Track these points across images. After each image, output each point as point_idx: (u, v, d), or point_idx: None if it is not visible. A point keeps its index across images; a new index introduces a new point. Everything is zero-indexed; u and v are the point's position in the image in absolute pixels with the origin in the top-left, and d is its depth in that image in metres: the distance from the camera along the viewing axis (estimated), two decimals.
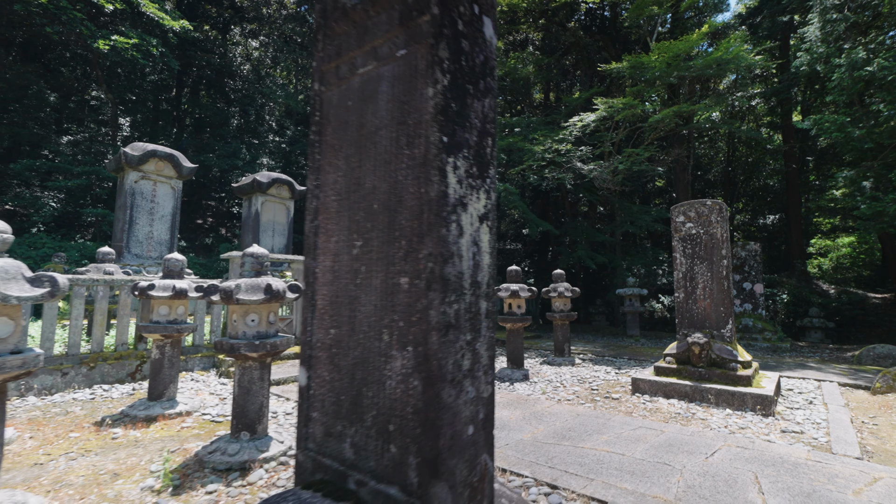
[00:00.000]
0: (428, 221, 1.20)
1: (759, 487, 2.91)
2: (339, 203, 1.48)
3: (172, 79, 14.91)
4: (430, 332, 1.16)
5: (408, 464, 1.19)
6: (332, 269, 1.47)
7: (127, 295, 6.00)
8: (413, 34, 1.32)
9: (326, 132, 1.57)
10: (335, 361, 1.43)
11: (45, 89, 13.97)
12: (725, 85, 18.14)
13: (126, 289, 5.97)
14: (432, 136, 1.22)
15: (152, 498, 2.80)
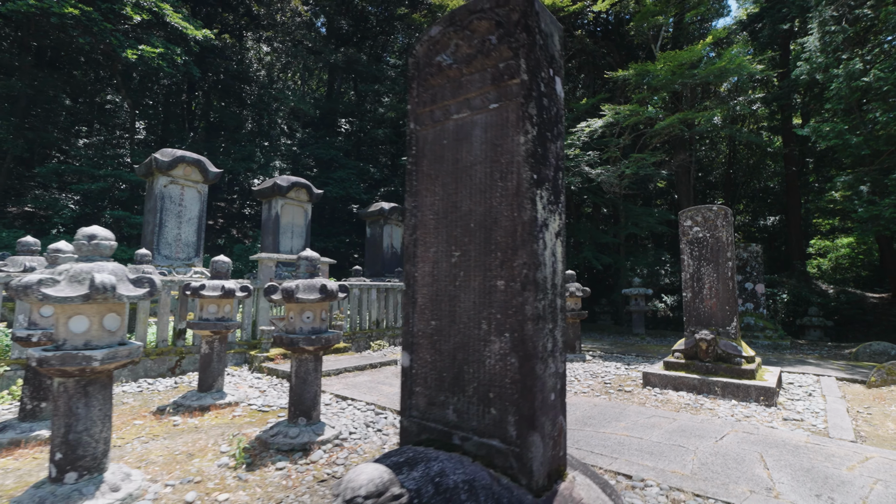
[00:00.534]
0: (522, 238, 1.58)
1: (765, 464, 3.29)
2: (437, 221, 1.86)
3: (186, 83, 15.27)
4: (526, 321, 1.54)
5: (507, 421, 1.57)
6: (432, 274, 1.85)
7: (167, 294, 6.37)
8: (504, 93, 1.70)
9: (422, 164, 1.94)
10: (437, 346, 1.80)
11: (60, 93, 14.31)
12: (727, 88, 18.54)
13: (167, 288, 6.34)
14: (524, 173, 1.60)
15: (231, 472, 3.18)
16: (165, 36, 10.80)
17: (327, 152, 15.92)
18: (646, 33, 11.51)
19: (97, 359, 2.58)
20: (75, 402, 2.63)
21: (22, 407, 3.82)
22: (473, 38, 1.81)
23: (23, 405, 3.82)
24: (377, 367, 7.11)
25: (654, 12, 11.02)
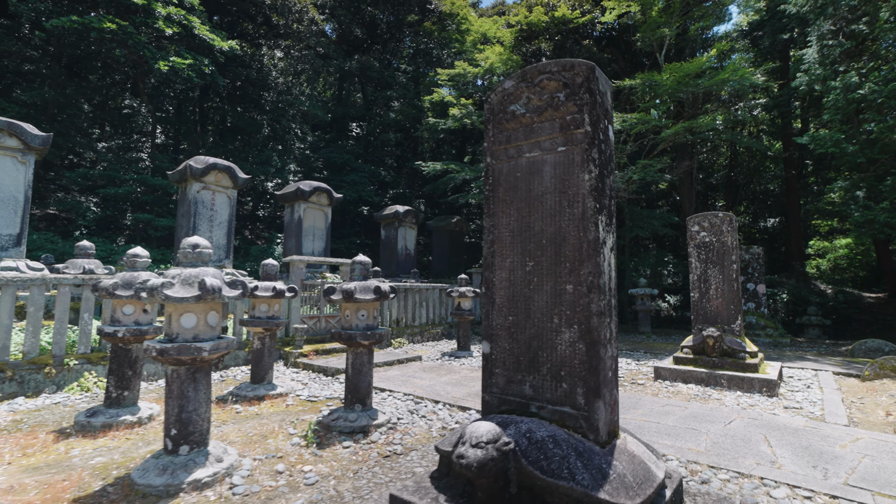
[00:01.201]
0: (587, 253, 2.07)
1: (768, 443, 3.77)
2: (512, 237, 2.34)
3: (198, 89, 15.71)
4: (591, 316, 2.03)
5: (576, 393, 2.05)
6: (509, 279, 2.33)
7: None
8: (571, 139, 2.18)
9: (498, 191, 2.43)
10: (514, 337, 2.29)
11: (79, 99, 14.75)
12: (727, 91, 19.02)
13: None
14: (588, 203, 2.08)
15: (305, 450, 3.65)
16: (194, 47, 11.26)
17: (340, 156, 16.39)
18: (651, 43, 11.99)
19: (206, 350, 3.06)
20: (186, 386, 3.10)
21: (108, 395, 4.29)
22: (543, 94, 2.28)
23: (108, 394, 4.29)
24: (404, 362, 7.58)
25: (660, 23, 11.51)
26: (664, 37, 11.62)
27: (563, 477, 1.76)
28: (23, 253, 7.14)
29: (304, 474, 3.18)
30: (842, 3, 8.85)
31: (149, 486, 2.85)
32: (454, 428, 4.30)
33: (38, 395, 5.20)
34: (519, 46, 14.11)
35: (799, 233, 18.17)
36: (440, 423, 4.39)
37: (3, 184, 6.97)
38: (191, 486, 2.88)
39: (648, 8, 11.56)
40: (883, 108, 8.45)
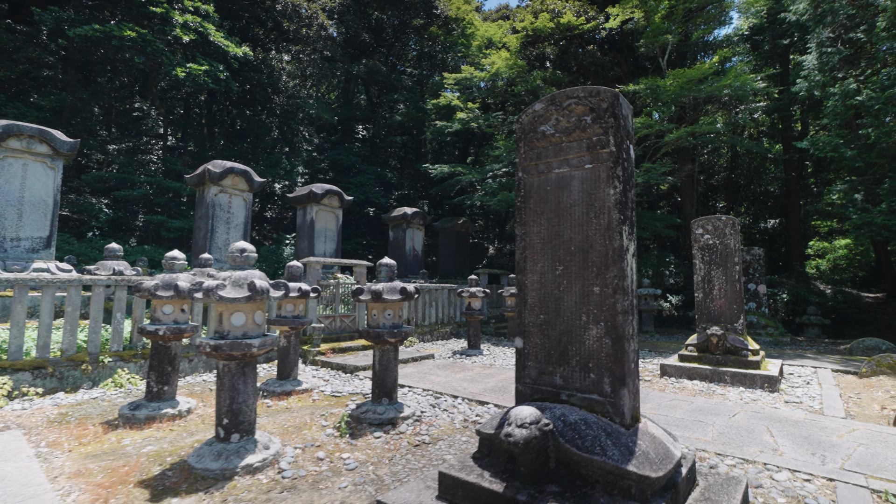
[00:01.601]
0: (612, 259, 2.34)
1: (771, 434, 4.05)
2: (543, 244, 2.61)
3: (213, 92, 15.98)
4: (617, 314, 2.30)
5: (603, 382, 2.33)
6: (540, 282, 2.60)
7: None
8: (597, 158, 2.46)
9: (529, 202, 2.70)
10: (545, 333, 2.56)
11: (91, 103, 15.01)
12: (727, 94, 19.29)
13: None
14: (614, 214, 2.36)
15: (339, 440, 3.93)
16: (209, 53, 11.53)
17: (347, 158, 16.65)
18: (654, 48, 12.26)
19: (255, 346, 3.33)
20: (237, 379, 3.38)
21: (149, 389, 4.57)
22: (571, 117, 2.56)
23: (149, 388, 4.56)
24: (418, 360, 7.85)
25: (663, 30, 11.77)
26: (667, 43, 11.90)
27: (596, 453, 2.03)
28: (52, 255, 7.41)
29: (344, 461, 3.45)
30: (840, 12, 9.13)
31: (206, 470, 3.12)
32: (475, 420, 4.57)
33: (76, 391, 5.47)
34: (524, 51, 14.39)
35: (799, 233, 18.45)
36: (462, 416, 4.66)
37: (34, 188, 7.24)
38: (244, 471, 3.15)
39: (652, 14, 11.83)
40: (880, 113, 8.73)
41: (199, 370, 6.59)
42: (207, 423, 4.39)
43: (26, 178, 7.16)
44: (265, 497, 2.87)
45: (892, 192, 9.16)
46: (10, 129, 6.90)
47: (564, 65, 15.92)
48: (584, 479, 2.06)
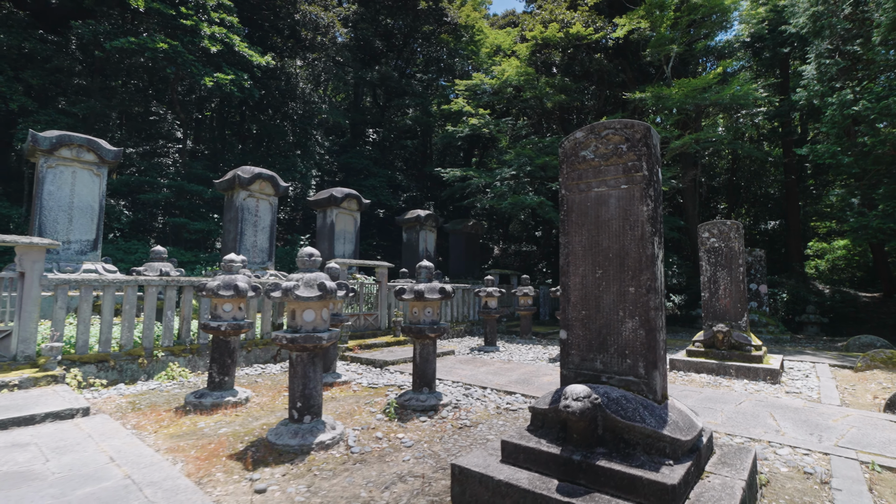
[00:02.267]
0: (645, 264, 2.83)
1: (773, 418, 4.53)
2: (584, 251, 3.10)
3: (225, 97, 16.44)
4: (650, 310, 2.79)
5: (638, 366, 2.81)
6: (581, 283, 3.09)
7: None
8: (631, 180, 2.95)
9: (572, 216, 3.19)
10: (586, 326, 3.05)
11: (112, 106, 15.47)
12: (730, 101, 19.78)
13: None
14: (646, 227, 2.85)
15: (391, 423, 4.41)
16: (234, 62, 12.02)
17: (359, 161, 17.13)
18: (660, 57, 12.74)
19: (324, 338, 3.81)
20: (308, 368, 3.86)
21: (211, 380, 5.04)
22: (609, 144, 3.04)
23: (211, 378, 5.04)
24: (440, 356, 8.33)
25: (668, 40, 12.26)
26: (672, 52, 12.39)
27: (636, 420, 2.52)
28: (98, 257, 7.89)
29: (400, 439, 3.94)
30: (837, 26, 9.61)
31: (286, 446, 3.60)
32: (506, 407, 5.06)
33: (134, 382, 5.95)
34: (532, 57, 14.86)
35: (798, 235, 18.95)
36: (494, 404, 5.15)
37: (82, 194, 7.71)
38: (318, 447, 3.63)
39: (657, 25, 12.31)
40: (875, 122, 9.23)
41: (241, 364, 7.07)
42: (266, 409, 4.87)
43: (75, 185, 7.63)
44: (342, 468, 3.35)
45: (888, 197, 9.65)
46: (63, 139, 7.38)
47: (571, 71, 16.39)
48: (626, 442, 2.54)
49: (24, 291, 5.29)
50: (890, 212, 9.63)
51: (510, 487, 2.52)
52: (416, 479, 3.14)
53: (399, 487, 3.02)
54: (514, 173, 14.64)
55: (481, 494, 2.63)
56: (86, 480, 2.89)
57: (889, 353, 7.20)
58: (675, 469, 2.34)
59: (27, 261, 5.32)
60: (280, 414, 4.69)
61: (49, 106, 12.24)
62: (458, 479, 2.76)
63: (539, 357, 8.55)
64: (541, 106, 16.01)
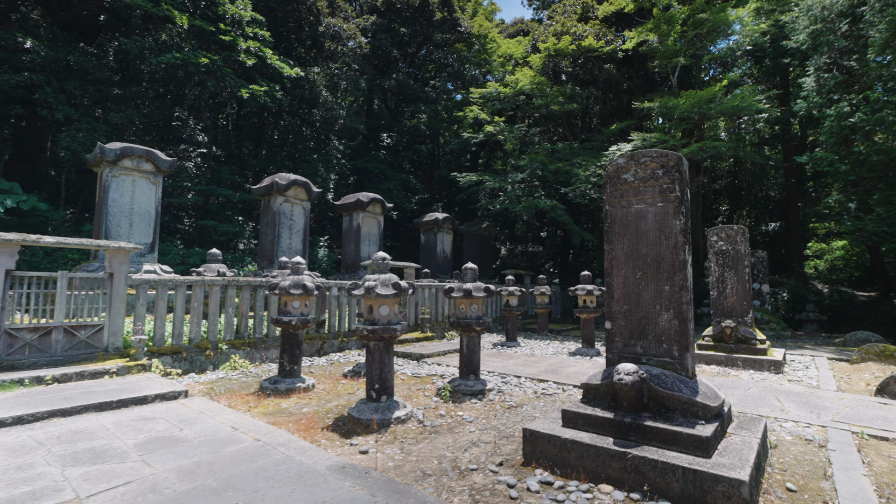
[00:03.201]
0: (678, 268, 3.52)
1: (778, 400, 5.22)
2: (625, 257, 3.78)
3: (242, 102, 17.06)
4: (682, 304, 3.48)
5: (673, 349, 3.50)
6: (623, 283, 3.77)
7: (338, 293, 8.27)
8: (666, 199, 3.63)
9: (615, 228, 3.87)
10: (628, 318, 3.73)
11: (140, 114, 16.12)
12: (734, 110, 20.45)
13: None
14: (679, 238, 3.53)
15: (447, 404, 5.08)
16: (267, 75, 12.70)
17: (376, 165, 17.80)
18: (667, 68, 13.42)
19: (398, 330, 4.48)
20: (383, 355, 4.53)
21: (282, 368, 5.71)
22: (647, 169, 3.72)
23: (282, 367, 5.71)
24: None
25: (675, 52, 12.93)
26: (678, 63, 13.08)
27: (675, 391, 3.19)
28: (155, 259, 8.56)
29: (461, 416, 4.61)
30: (835, 43, 10.28)
31: (368, 420, 4.27)
32: (542, 393, 5.73)
33: (203, 372, 6.62)
34: (544, 66, 15.55)
35: (798, 236, 19.63)
36: (531, 390, 5.83)
37: (140, 201, 8.39)
38: (396, 421, 4.31)
39: (665, 38, 12.98)
40: (871, 133, 9.89)
41: (312, 355, 7.73)
42: (332, 394, 5.55)
43: (135, 193, 8.30)
44: (422, 436, 4.03)
45: (882, 202, 10.33)
46: (126, 150, 8.05)
47: (580, 79, 17.06)
48: (666, 408, 3.22)
49: (113, 290, 5.96)
50: (885, 216, 10.31)
51: (574, 443, 3.20)
52: (487, 445, 3.82)
53: (475, 450, 3.69)
54: (525, 177, 15.31)
55: (549, 450, 3.31)
56: (224, 443, 3.56)
57: (882, 347, 7.88)
58: (707, 427, 3.02)
59: (115, 262, 5.99)
60: (345, 398, 5.36)
61: (88, 114, 12.90)
62: (528, 440, 3.44)
63: (559, 352, 9.23)
64: (549, 111, 16.67)
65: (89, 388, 4.88)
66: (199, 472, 2.99)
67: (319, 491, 2.73)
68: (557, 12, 15.96)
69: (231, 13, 11.42)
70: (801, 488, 3.01)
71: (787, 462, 3.47)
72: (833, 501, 2.81)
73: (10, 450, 3.31)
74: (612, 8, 14.10)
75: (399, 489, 2.80)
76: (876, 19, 9.61)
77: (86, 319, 5.82)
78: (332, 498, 2.64)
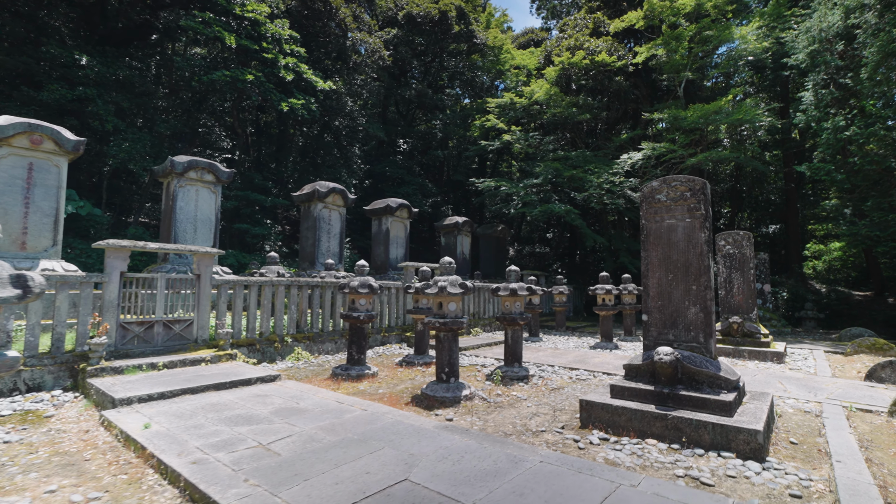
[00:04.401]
0: (703, 271, 4.41)
1: (781, 383, 6.10)
2: (659, 262, 4.67)
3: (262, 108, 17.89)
4: (707, 301, 4.37)
5: (699, 336, 4.40)
6: (658, 283, 4.66)
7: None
8: (693, 216, 4.53)
9: (650, 238, 4.76)
10: (662, 311, 4.62)
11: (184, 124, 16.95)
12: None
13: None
14: (704, 248, 4.43)
15: (499, 387, 5.94)
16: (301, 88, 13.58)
17: (394, 171, 18.66)
18: (675, 82, 14.30)
19: (464, 323, 5.35)
20: (451, 344, 5.40)
21: (350, 357, 6.57)
22: (677, 191, 4.60)
23: (351, 356, 6.57)
24: (495, 345, 9.87)
25: (682, 66, 13.81)
26: (685, 78, 13.97)
27: (703, 368, 4.07)
28: (217, 261, 9.40)
29: (515, 395, 5.48)
30: (831, 63, 11.16)
31: (443, 397, 5.14)
32: (576, 378, 6.60)
33: (273, 362, 7.48)
34: (558, 79, 16.43)
35: (797, 238, 20.54)
36: (567, 376, 6.70)
37: (203, 209, 9.25)
38: (464, 398, 5.17)
39: (673, 53, 13.86)
40: (864, 146, 10.77)
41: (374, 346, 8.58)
42: (396, 379, 6.41)
43: (198, 201, 9.17)
44: (490, 409, 4.90)
45: (875, 209, 11.21)
46: (192, 163, 8.91)
47: (591, 89, 17.94)
48: (696, 381, 4.10)
49: (200, 289, 6.83)
50: (878, 221, 11.20)
51: (624, 409, 4.08)
52: (545, 416, 4.69)
53: (537, 419, 4.57)
54: (538, 182, 16.17)
55: (602, 416, 4.19)
56: (339, 412, 4.43)
57: (873, 341, 8.78)
58: (729, 395, 3.90)
59: (202, 265, 6.86)
60: (408, 382, 6.23)
61: (132, 124, 13.76)
62: (584, 409, 4.31)
63: (580, 346, 10.10)
64: (560, 119, 17.55)
65: (197, 372, 5.74)
66: (336, 430, 3.86)
67: (438, 441, 3.60)
68: (569, 25, 16.85)
69: (272, 32, 12.30)
70: (800, 442, 3.89)
71: (789, 426, 4.35)
72: (825, 450, 3.69)
73: (176, 415, 4.18)
74: (624, 24, 15.00)
75: (497, 440, 3.68)
76: (869, 41, 10.48)
77: (179, 315, 6.69)
78: (450, 445, 3.51)
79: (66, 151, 7.41)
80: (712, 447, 3.59)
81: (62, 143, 7.33)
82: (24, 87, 11.82)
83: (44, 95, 11.45)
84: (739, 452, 3.47)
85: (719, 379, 4.02)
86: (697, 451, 3.56)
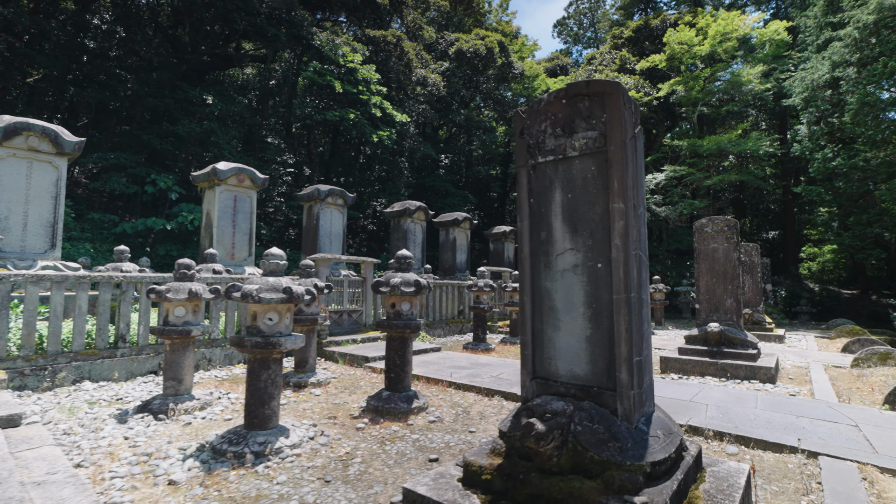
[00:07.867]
0: (734, 276, 7.16)
1: (783, 354, 8.80)
2: (706, 271, 7.41)
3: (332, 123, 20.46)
4: (738, 295, 7.11)
5: (733, 317, 7.14)
6: (706, 285, 7.40)
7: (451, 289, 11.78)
8: (729, 242, 7.27)
9: (700, 256, 7.50)
10: (709, 302, 7.36)
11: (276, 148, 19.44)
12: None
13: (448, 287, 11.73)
14: (735, 262, 7.17)
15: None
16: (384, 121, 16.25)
17: (442, 185, 21.28)
18: (692, 114, 16.99)
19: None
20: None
21: (476, 336, 9.21)
22: (718, 226, 7.31)
23: (476, 335, 9.21)
24: None
25: (698, 100, 16.45)
26: (700, 112, 16.66)
27: (737, 335, 6.75)
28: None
29: None
30: (821, 106, 13.82)
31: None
32: None
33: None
34: None
35: (794, 243, 23.30)
36: None
37: (335, 225, 11.92)
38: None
39: (690, 89, 16.49)
40: (847, 175, 13.45)
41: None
42: (506, 353, 9.05)
43: (332, 220, 11.82)
44: None
45: (856, 223, 13.91)
46: (331, 191, 11.56)
47: None
48: (733, 344, 6.78)
49: (365, 287, 9.50)
50: (858, 233, 13.88)
51: (689, 360, 6.78)
52: None
53: None
54: None
55: (674, 364, 6.88)
56: (474, 360, 7.09)
57: (851, 328, 11.50)
58: (753, 351, 6.61)
59: (367, 270, 9.52)
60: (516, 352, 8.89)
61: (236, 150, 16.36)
62: (663, 361, 7.00)
63: None
64: None
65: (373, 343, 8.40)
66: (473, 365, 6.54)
67: None
68: (597, 60, 19.44)
69: (364, 76, 14.88)
70: (795, 378, 6.60)
71: (789, 373, 7.07)
72: (809, 379, 6.39)
73: (423, 363, 6.84)
74: (647, 64, 17.64)
75: None
76: (851, 88, 13.13)
77: (354, 306, 9.36)
78: None
79: (257, 186, 10.06)
80: (745, 378, 6.29)
81: (256, 180, 9.98)
82: (165, 122, 14.44)
83: (179, 129, 14.08)
84: (761, 380, 6.17)
85: (747, 343, 6.73)
86: (736, 381, 6.25)
